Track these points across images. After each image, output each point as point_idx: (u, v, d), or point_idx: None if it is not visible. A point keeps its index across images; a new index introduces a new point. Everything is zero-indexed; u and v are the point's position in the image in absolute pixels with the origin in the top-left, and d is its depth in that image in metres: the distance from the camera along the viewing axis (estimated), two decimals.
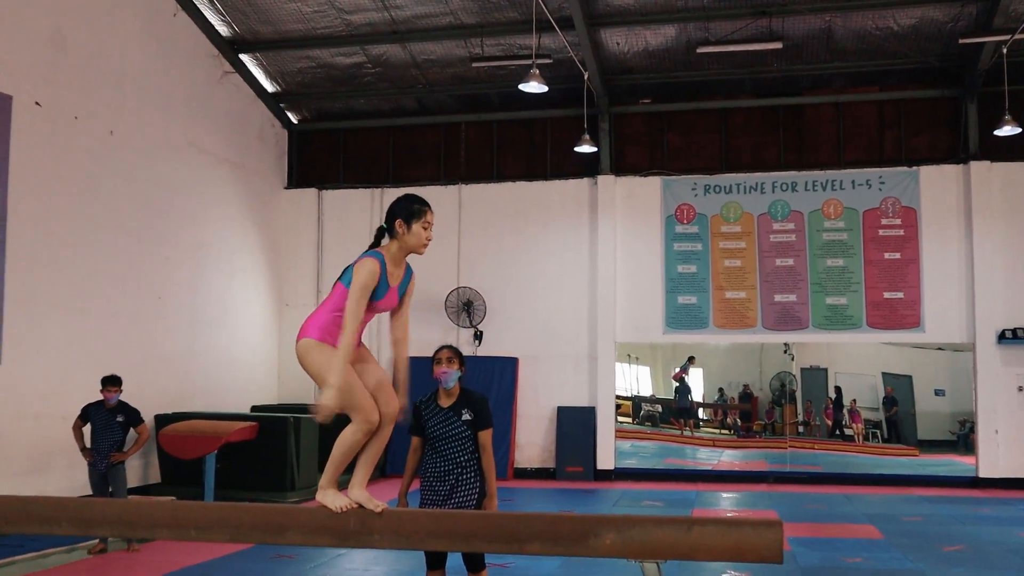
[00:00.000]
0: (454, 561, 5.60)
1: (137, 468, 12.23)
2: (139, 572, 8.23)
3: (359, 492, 3.93)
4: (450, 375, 5.65)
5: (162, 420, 12.26)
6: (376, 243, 4.20)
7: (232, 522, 3.85)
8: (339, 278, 4.12)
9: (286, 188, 16.60)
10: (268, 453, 12.11)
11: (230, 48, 14.80)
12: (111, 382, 9.22)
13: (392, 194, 16.08)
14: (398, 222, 4.19)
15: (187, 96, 13.83)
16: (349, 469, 4.06)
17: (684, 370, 15.54)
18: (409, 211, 4.14)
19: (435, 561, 5.58)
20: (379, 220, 17.40)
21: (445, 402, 5.66)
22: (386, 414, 4.08)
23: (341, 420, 4.02)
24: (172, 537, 3.93)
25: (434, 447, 5.54)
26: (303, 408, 14.52)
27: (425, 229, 4.27)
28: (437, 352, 5.74)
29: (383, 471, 15.16)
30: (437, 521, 3.80)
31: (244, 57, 15.16)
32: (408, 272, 4.27)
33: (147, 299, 12.73)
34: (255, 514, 3.87)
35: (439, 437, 5.53)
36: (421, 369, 17.19)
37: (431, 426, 5.57)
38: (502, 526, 3.83)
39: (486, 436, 5.58)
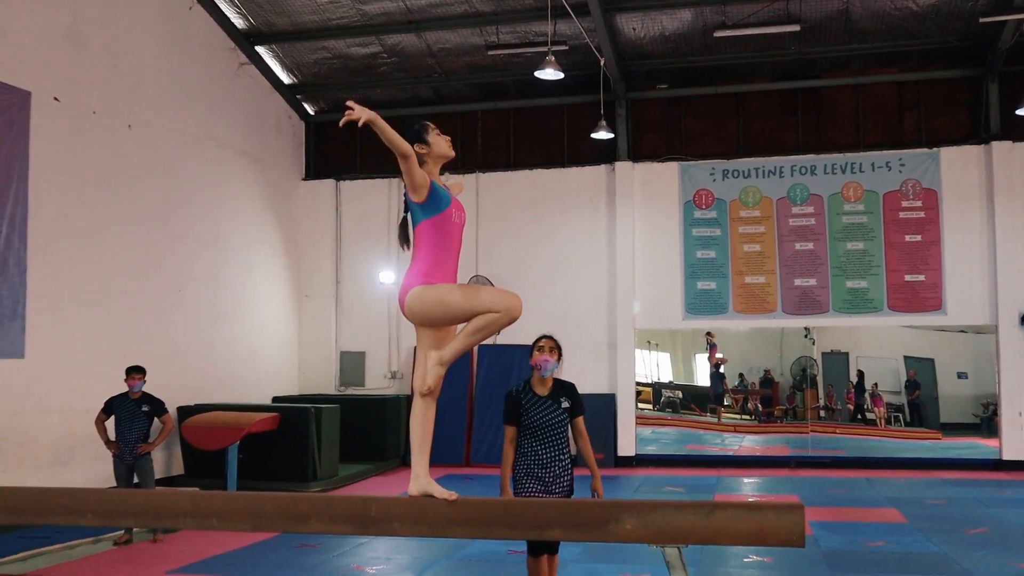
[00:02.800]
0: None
1: (160, 460, 12.32)
2: (164, 562, 8.29)
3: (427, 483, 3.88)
4: (550, 364, 5.65)
5: (184, 412, 12.35)
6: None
7: (254, 511, 3.87)
8: (414, 230, 4.17)
9: (304, 179, 16.64)
10: (290, 443, 12.18)
11: (246, 40, 14.83)
12: (135, 370, 9.28)
13: None
14: (417, 146, 4.24)
15: (204, 89, 13.88)
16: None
17: (712, 348, 15.43)
18: (416, 132, 4.27)
19: (539, 548, 5.59)
20: (397, 210, 17.44)
21: (542, 391, 5.66)
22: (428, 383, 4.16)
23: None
24: (195, 527, 3.96)
25: (535, 436, 5.58)
26: (324, 398, 14.62)
27: (438, 135, 4.34)
28: (538, 340, 5.73)
29: (404, 460, 15.22)
30: (458, 509, 3.81)
31: (260, 49, 15.18)
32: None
33: (168, 292, 12.81)
34: (277, 503, 3.89)
35: (541, 425, 5.57)
36: None
37: (531, 415, 5.58)
38: (524, 513, 3.84)
39: (582, 422, 5.72)
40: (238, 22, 14.56)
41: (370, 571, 7.98)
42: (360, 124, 3.88)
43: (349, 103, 3.99)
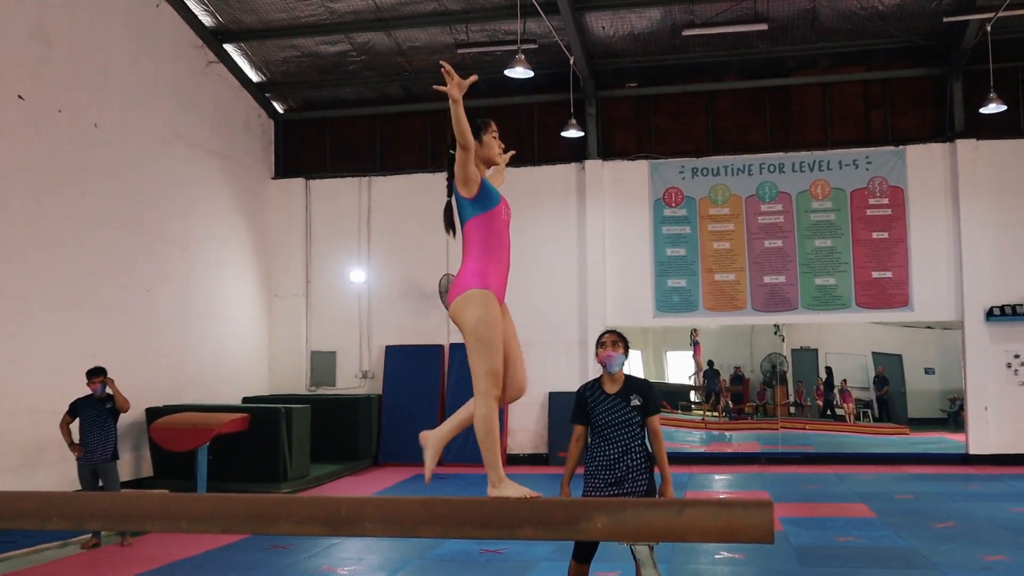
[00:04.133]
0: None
1: (129, 462, 12.22)
2: (132, 565, 8.22)
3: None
4: (615, 359, 5.43)
5: (153, 413, 12.25)
6: (451, 168, 4.11)
7: (224, 513, 3.84)
8: (463, 227, 4.03)
9: (273, 178, 16.55)
10: (260, 444, 12.11)
11: (214, 38, 14.72)
12: (96, 373, 9.21)
13: (379, 182, 16.12)
14: None
15: (172, 88, 13.76)
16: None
17: (697, 346, 15.53)
18: (476, 125, 4.04)
19: (585, 553, 5.44)
20: (368, 208, 17.33)
21: (611, 388, 5.44)
22: (513, 388, 4.00)
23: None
24: (164, 529, 3.92)
25: (603, 435, 5.38)
26: (294, 399, 14.55)
27: (495, 138, 4.17)
28: (602, 336, 5.55)
29: (375, 460, 15.19)
30: (430, 508, 3.80)
31: (228, 47, 15.08)
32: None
33: (137, 293, 12.69)
34: (247, 504, 3.86)
35: (608, 424, 5.37)
36: (414, 355, 17.02)
37: (599, 413, 5.39)
38: (495, 512, 3.83)
39: (656, 421, 5.46)
40: (206, 20, 14.45)
41: (342, 572, 7.96)
42: (450, 95, 3.75)
43: (448, 67, 3.86)
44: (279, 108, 16.66)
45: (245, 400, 14.71)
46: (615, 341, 5.47)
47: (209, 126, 14.70)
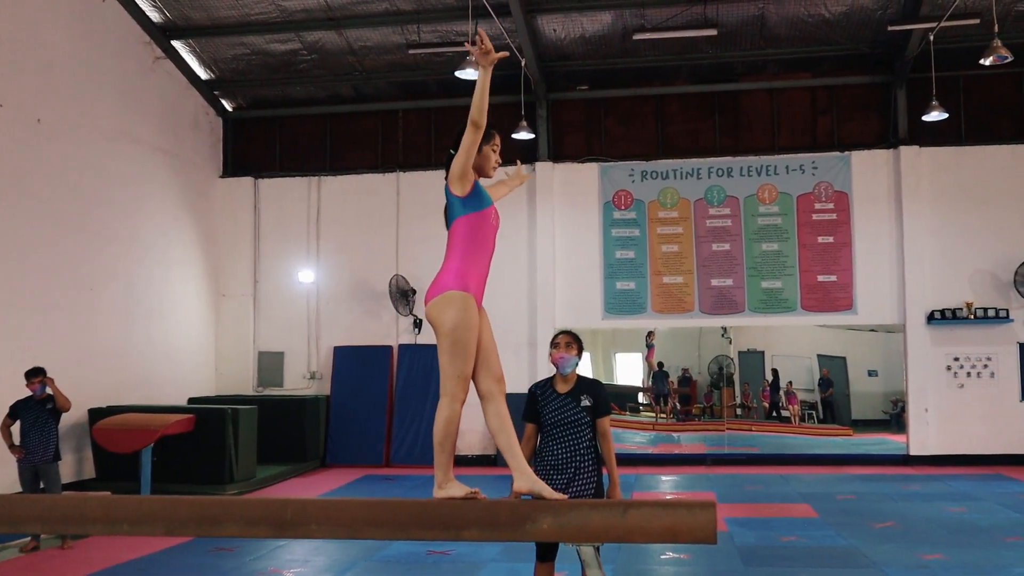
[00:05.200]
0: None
1: (71, 463, 12.02)
2: (73, 569, 8.09)
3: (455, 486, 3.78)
4: (568, 360, 5.42)
5: (96, 414, 12.06)
6: (448, 167, 4.08)
7: (166, 515, 3.79)
8: (450, 225, 4.01)
9: (222, 177, 16.37)
10: (206, 445, 11.98)
11: (162, 34, 14.54)
12: (34, 374, 9.08)
13: (329, 182, 16.02)
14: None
15: (118, 83, 13.56)
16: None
17: (651, 349, 15.64)
18: (485, 135, 4.02)
19: (546, 553, 5.38)
20: (317, 209, 17.21)
21: (563, 388, 5.44)
22: (492, 380, 3.96)
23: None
24: (105, 532, 3.86)
25: (552, 434, 5.36)
26: (241, 399, 14.41)
27: (494, 152, 4.15)
28: (556, 337, 5.52)
29: (323, 462, 15.10)
30: (374, 510, 3.79)
31: (176, 44, 14.90)
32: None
33: (80, 292, 12.48)
34: (190, 506, 3.82)
35: (557, 424, 5.36)
36: (363, 356, 16.94)
37: (548, 412, 5.38)
38: (440, 513, 3.83)
39: (606, 422, 5.44)
40: (153, 15, 14.27)
41: (288, 574, 7.90)
42: (480, 61, 3.78)
43: (483, 33, 3.83)
44: (228, 106, 16.49)
45: (191, 401, 14.54)
46: (569, 343, 5.46)
47: (156, 123, 14.51)
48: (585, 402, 5.39)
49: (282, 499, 3.87)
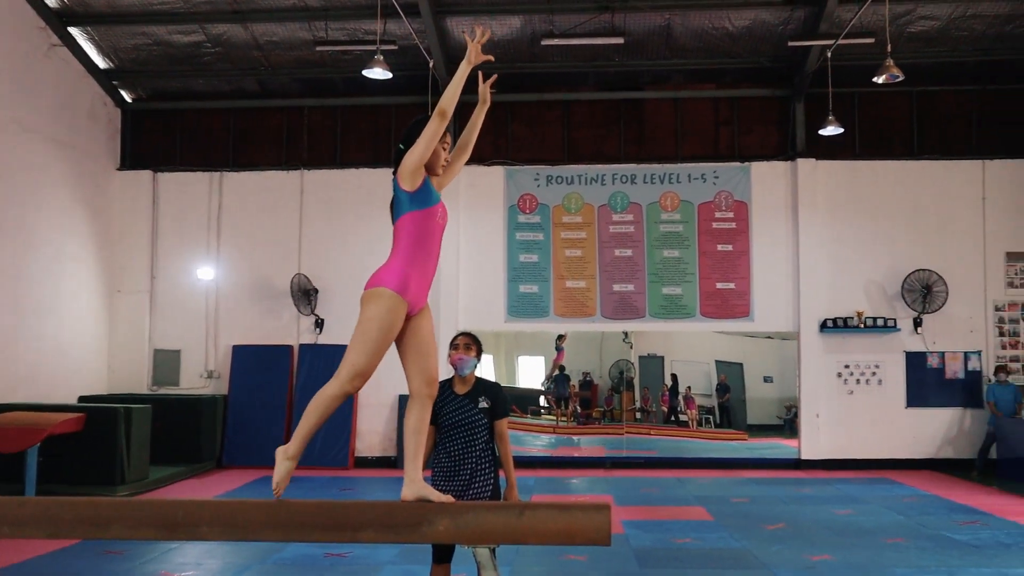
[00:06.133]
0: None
1: None
2: None
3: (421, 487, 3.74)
4: (466, 362, 5.40)
5: None
6: (397, 164, 3.99)
7: (49, 517, 3.68)
8: (396, 221, 3.97)
9: (119, 169, 15.91)
10: (96, 445, 11.62)
11: (58, 20, 14.08)
12: None
13: (232, 178, 15.73)
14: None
15: (10, 70, 13.07)
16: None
17: (560, 352, 15.72)
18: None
19: (443, 555, 5.33)
20: (219, 205, 16.86)
21: (461, 389, 5.42)
22: (417, 389, 3.88)
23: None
24: None
25: (449, 435, 5.33)
26: (135, 398, 14.04)
27: (444, 149, 4.12)
28: (455, 339, 5.50)
29: (219, 462, 14.81)
30: (269, 511, 3.73)
31: (74, 31, 14.44)
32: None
33: None
34: (76, 508, 3.71)
35: (454, 425, 5.32)
36: (262, 355, 16.67)
37: (446, 413, 5.33)
38: (336, 515, 3.80)
39: (504, 425, 5.45)
40: (50, 1, 13.81)
41: None
42: (468, 57, 4.00)
43: (480, 29, 4.07)
44: (127, 97, 16.05)
45: (81, 399, 14.09)
46: (468, 344, 5.47)
47: (50, 112, 14.03)
48: (483, 404, 5.40)
49: (173, 500, 3.79)
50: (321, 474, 13.90)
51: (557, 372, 15.79)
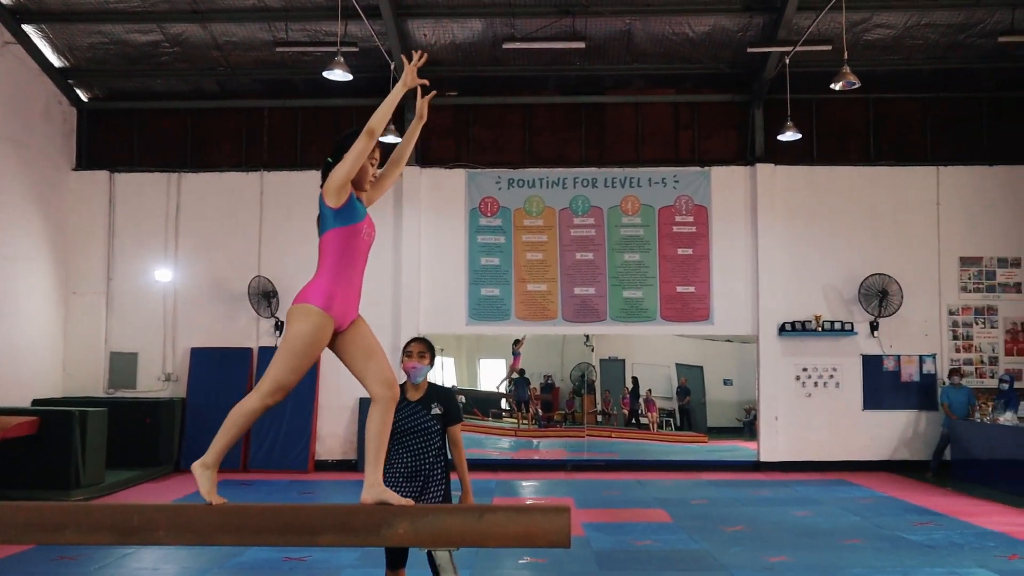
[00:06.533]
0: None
1: None
2: None
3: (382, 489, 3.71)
4: (420, 370, 5.39)
5: None
6: (325, 177, 3.95)
7: (1, 522, 3.61)
8: (320, 237, 3.94)
9: (74, 169, 15.68)
10: (50, 449, 11.46)
11: (12, 17, 13.85)
12: None
13: (190, 179, 15.58)
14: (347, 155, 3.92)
15: None
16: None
17: (517, 357, 15.72)
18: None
19: (396, 560, 5.28)
20: (177, 206, 16.68)
21: (413, 396, 5.40)
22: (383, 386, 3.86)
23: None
24: None
25: (401, 442, 5.28)
26: (90, 401, 13.85)
27: (372, 164, 4.11)
28: (408, 345, 5.47)
29: (177, 466, 14.65)
30: (226, 516, 3.70)
31: (28, 28, 14.21)
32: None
33: None
34: (27, 513, 3.65)
35: (407, 431, 5.29)
36: (221, 358, 16.52)
37: (399, 420, 5.22)
38: (295, 519, 3.77)
39: (457, 430, 5.44)
40: None
41: None
42: (404, 79, 4.02)
43: (420, 53, 4.14)
44: (83, 96, 15.83)
45: (35, 402, 13.87)
46: (422, 352, 5.46)
47: (2, 111, 13.80)
48: (436, 410, 5.40)
49: (127, 504, 3.74)
50: (281, 477, 13.80)
51: (516, 375, 15.80)
